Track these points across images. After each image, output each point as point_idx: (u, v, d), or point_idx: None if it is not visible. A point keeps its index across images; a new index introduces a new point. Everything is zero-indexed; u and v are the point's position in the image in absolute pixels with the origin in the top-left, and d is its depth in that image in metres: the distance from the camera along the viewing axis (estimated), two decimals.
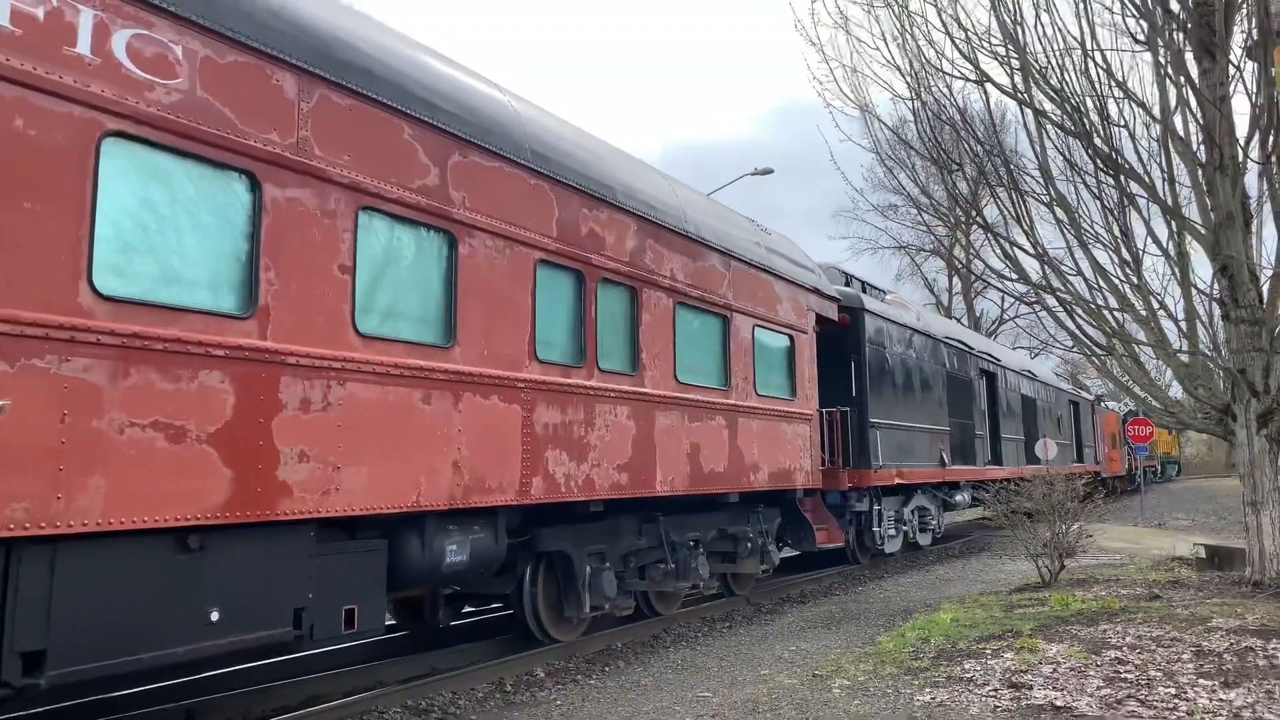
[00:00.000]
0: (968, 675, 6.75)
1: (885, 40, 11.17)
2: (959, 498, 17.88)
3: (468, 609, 9.81)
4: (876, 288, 16.53)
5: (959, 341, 18.52)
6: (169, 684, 6.74)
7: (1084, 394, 33.16)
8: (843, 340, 13.97)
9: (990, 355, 20.62)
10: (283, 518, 5.26)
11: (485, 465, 6.75)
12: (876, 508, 14.25)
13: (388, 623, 9.58)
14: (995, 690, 6.32)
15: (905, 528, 15.75)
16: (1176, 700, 5.89)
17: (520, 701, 7.01)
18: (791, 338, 11.94)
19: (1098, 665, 6.85)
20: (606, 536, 8.76)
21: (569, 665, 8.20)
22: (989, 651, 7.52)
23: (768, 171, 27.79)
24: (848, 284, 15.25)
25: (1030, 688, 6.30)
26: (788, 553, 13.95)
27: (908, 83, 11.06)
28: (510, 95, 7.83)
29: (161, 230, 4.85)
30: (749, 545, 10.87)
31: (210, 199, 5.10)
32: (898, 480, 14.57)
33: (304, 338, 5.47)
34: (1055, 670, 6.77)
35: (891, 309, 15.71)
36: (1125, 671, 6.64)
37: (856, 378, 13.88)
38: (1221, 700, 5.87)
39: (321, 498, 5.50)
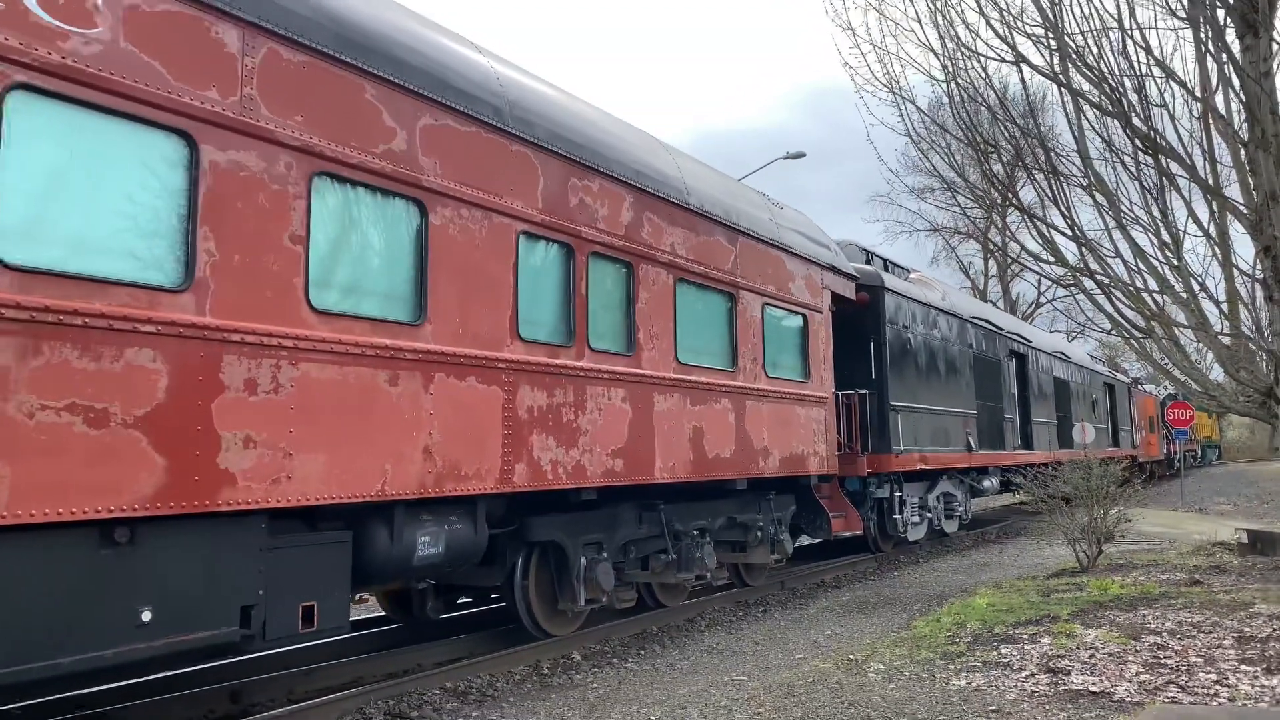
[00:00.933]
0: (1004, 660, 6.69)
1: (919, 22, 11.02)
2: (987, 484, 17.22)
3: (465, 600, 9.40)
4: (899, 266, 15.89)
5: (986, 322, 17.80)
6: (233, 661, 6.89)
7: (1120, 377, 32.16)
8: (862, 320, 13.37)
9: (1020, 336, 19.86)
10: (226, 508, 4.84)
11: (461, 451, 6.30)
12: (898, 494, 13.66)
13: (379, 614, 9.28)
14: (1032, 675, 6.24)
15: (930, 515, 15.14)
16: (1217, 686, 5.79)
17: (557, 684, 7.05)
18: (805, 317, 11.37)
19: (1137, 650, 6.73)
20: (603, 525, 8.31)
21: (605, 649, 8.22)
22: (1026, 636, 7.41)
23: (800, 155, 27.39)
24: (869, 262, 14.63)
25: (1068, 673, 6.20)
26: (806, 541, 13.47)
27: (942, 64, 10.84)
28: (491, 56, 7.34)
29: (81, 194, 4.42)
30: (758, 534, 10.36)
31: (139, 160, 4.66)
32: (920, 466, 13.97)
33: (249, 313, 5.03)
34: (1093, 655, 6.66)
35: (914, 288, 15.06)
36: (1165, 657, 6.53)
37: (876, 359, 13.28)
38: (1264, 686, 5.77)
39: (271, 487, 5.07)
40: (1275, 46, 9.60)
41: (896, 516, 13.70)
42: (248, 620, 5.02)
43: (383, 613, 9.05)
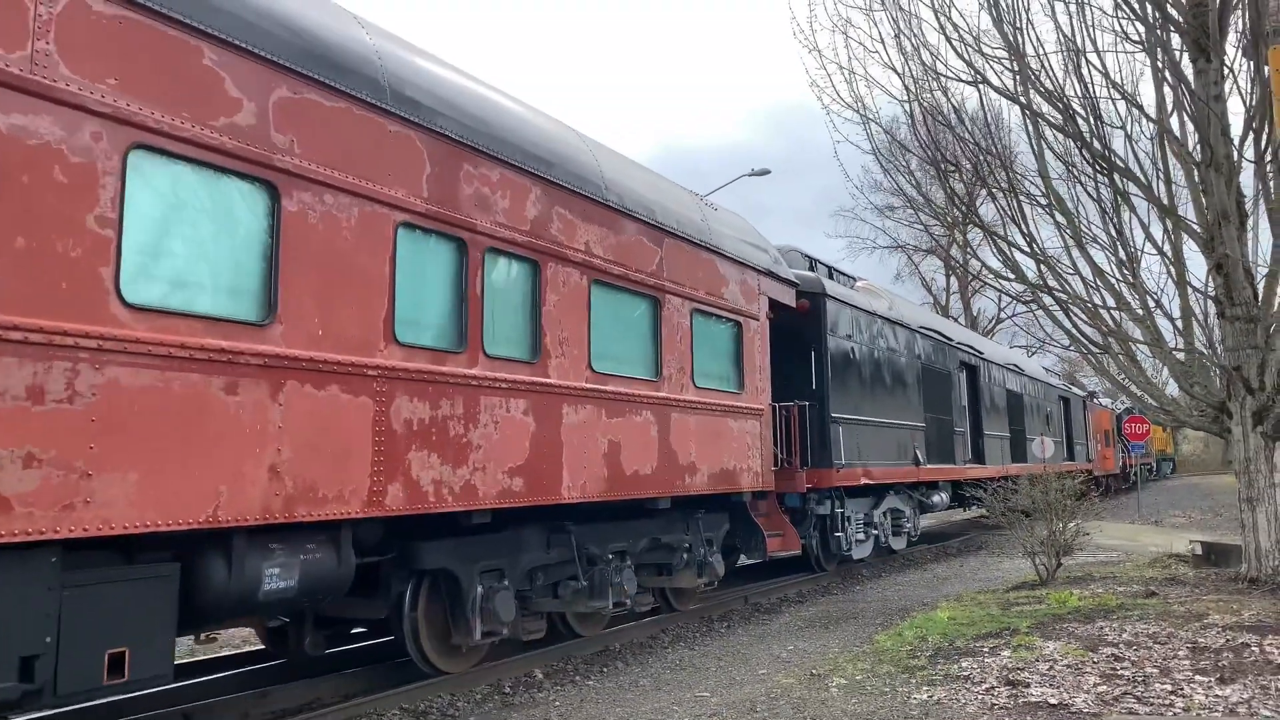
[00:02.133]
0: (965, 673, 6.73)
1: (883, 43, 11.43)
2: (936, 499, 16.67)
3: (362, 630, 8.58)
4: (845, 274, 15.33)
5: (936, 332, 17.28)
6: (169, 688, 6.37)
7: (1075, 390, 31.92)
8: (803, 329, 12.75)
9: (971, 347, 19.40)
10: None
11: (319, 471, 5.52)
12: (840, 510, 13.02)
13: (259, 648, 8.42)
14: (992, 688, 6.30)
15: (876, 531, 14.54)
16: (1173, 696, 5.88)
17: (519, 703, 7.02)
18: (739, 324, 10.71)
19: (1094, 662, 6.82)
20: (504, 551, 7.55)
21: (567, 666, 8.19)
22: (986, 649, 7.50)
23: (765, 173, 27.37)
24: (812, 269, 14.04)
25: (1027, 685, 6.28)
26: (747, 561, 12.81)
27: (905, 85, 11.13)
28: (375, 31, 6.60)
29: None
30: (684, 556, 9.64)
31: None
32: (865, 480, 13.35)
33: (35, 308, 4.23)
34: (1052, 668, 6.73)
35: (859, 295, 14.48)
36: (1122, 668, 6.60)
37: (817, 369, 12.66)
38: (1218, 696, 5.85)
39: (63, 513, 4.27)
40: (1226, 71, 9.96)
41: (839, 534, 13.05)
42: (29, 673, 4.21)
43: (262, 646, 8.21)
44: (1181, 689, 6.07)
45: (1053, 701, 5.93)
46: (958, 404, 17.88)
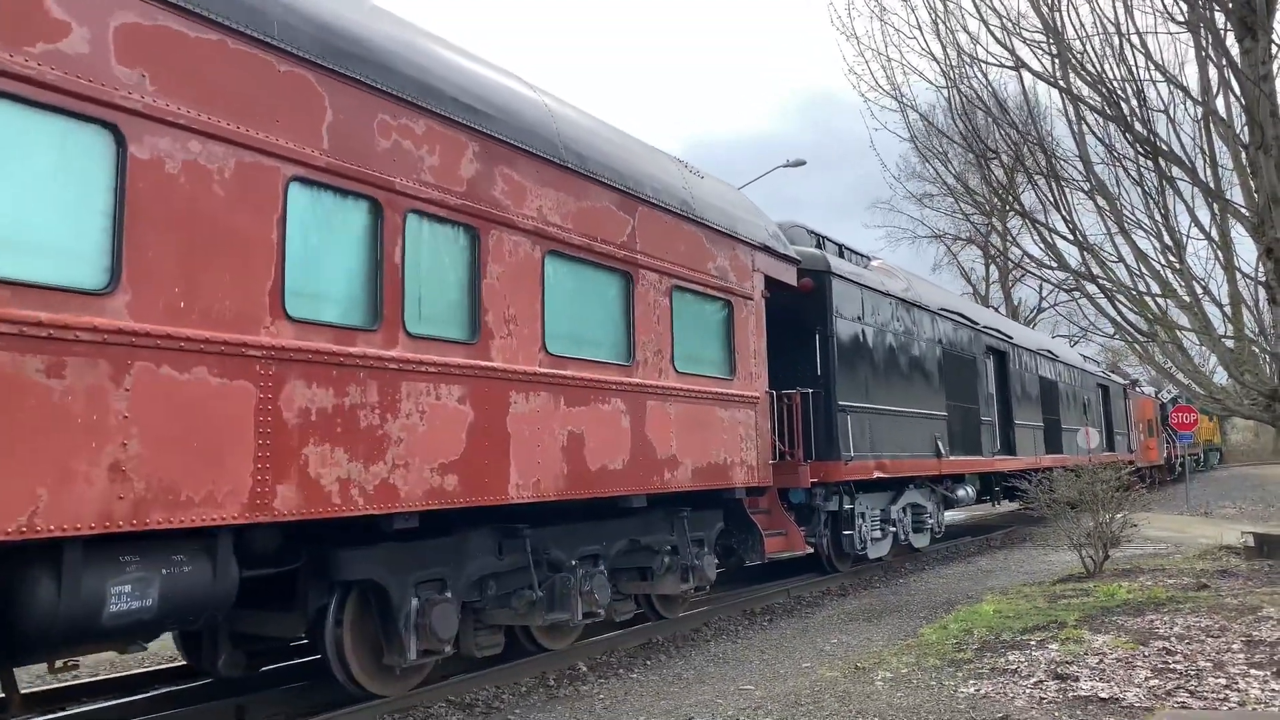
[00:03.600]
0: (1012, 667, 6.65)
1: (921, 29, 11.15)
2: (961, 493, 15.51)
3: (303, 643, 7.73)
4: (858, 252, 14.22)
5: (959, 315, 16.10)
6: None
7: (1115, 378, 30.41)
8: (806, 310, 11.71)
9: (999, 332, 18.16)
10: None
11: (181, 468, 4.63)
12: (849, 506, 11.97)
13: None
14: (1040, 682, 6.23)
15: (894, 528, 13.45)
16: (1227, 690, 5.78)
17: (563, 695, 6.99)
18: (730, 304, 9.71)
19: (1145, 656, 6.71)
20: (446, 558, 6.65)
21: (611, 659, 8.18)
22: (1033, 643, 7.41)
23: (800, 163, 26.46)
24: (819, 246, 12.97)
25: (1076, 679, 6.20)
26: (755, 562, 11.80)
27: (943, 70, 10.91)
28: None
29: None
30: (664, 560, 8.67)
31: None
32: (877, 474, 12.28)
33: None
34: (1101, 661, 6.63)
35: (870, 275, 13.39)
36: (1174, 662, 6.50)
37: (822, 354, 11.61)
38: (1274, 690, 5.75)
39: None
40: (1274, 49, 9.65)
41: (848, 532, 12.00)
42: None
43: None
44: (1236, 683, 5.95)
45: (1103, 695, 5.80)
46: (984, 392, 16.69)
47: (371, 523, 5.91)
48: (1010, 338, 18.70)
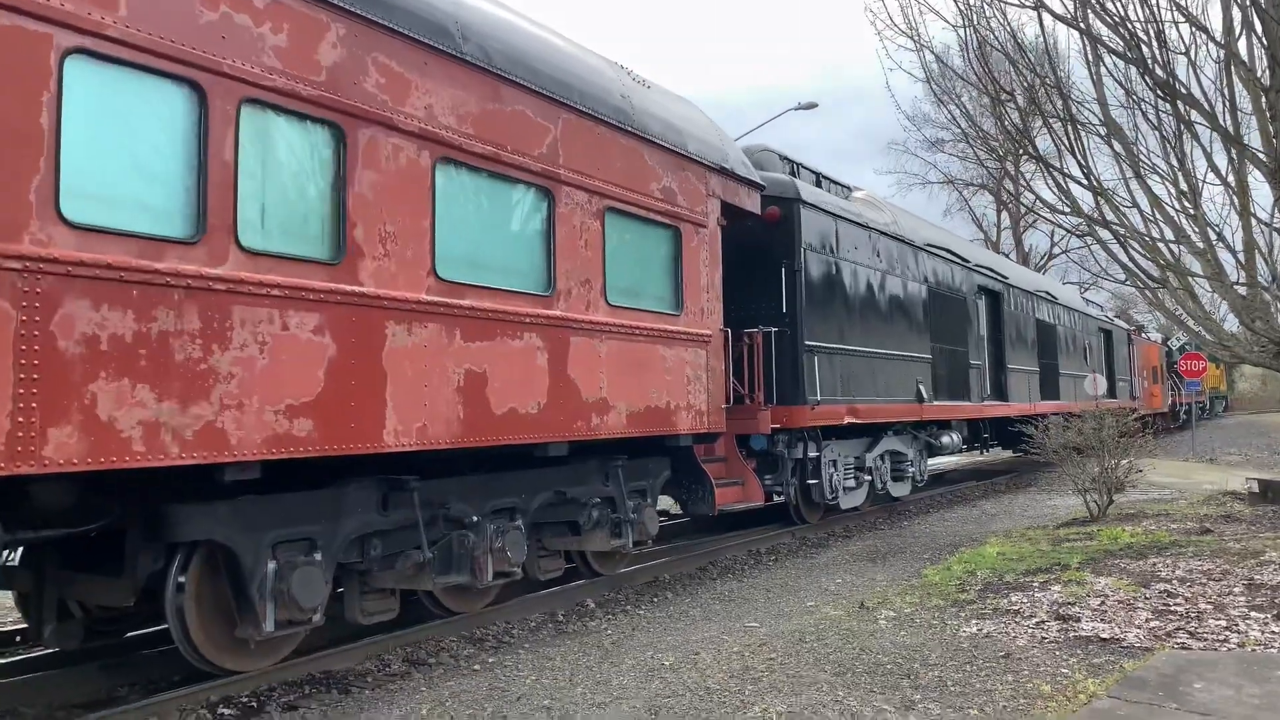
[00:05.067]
0: (1014, 608, 6.73)
1: None
2: (946, 439, 14.55)
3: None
4: (837, 182, 13.06)
5: (948, 251, 14.94)
6: None
7: (1119, 322, 29.28)
8: (772, 241, 10.66)
9: (993, 271, 17.02)
10: None
11: None
12: (813, 454, 11.02)
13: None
14: (1042, 622, 6.30)
15: (870, 477, 12.53)
16: (1227, 632, 5.82)
17: (572, 630, 7.07)
18: (677, 230, 8.66)
19: (1146, 598, 6.77)
20: (314, 514, 5.73)
21: (619, 596, 8.24)
22: (1036, 584, 7.47)
23: (811, 106, 26.28)
24: (794, 174, 11.83)
25: (1078, 620, 6.27)
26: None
27: (960, 9, 10.79)
28: None
29: None
30: (592, 514, 7.76)
31: None
32: (849, 419, 11.31)
33: None
34: (1103, 603, 6.70)
35: (847, 205, 12.25)
36: (1174, 604, 6.55)
37: (788, 289, 10.55)
38: (1274, 633, 5.77)
39: None
40: None
41: (813, 481, 11.08)
42: None
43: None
44: (1236, 625, 5.98)
45: (1104, 636, 5.88)
46: (975, 334, 15.62)
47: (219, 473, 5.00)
48: (1005, 277, 17.57)
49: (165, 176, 4.70)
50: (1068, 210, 11.51)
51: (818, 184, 12.35)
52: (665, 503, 10.43)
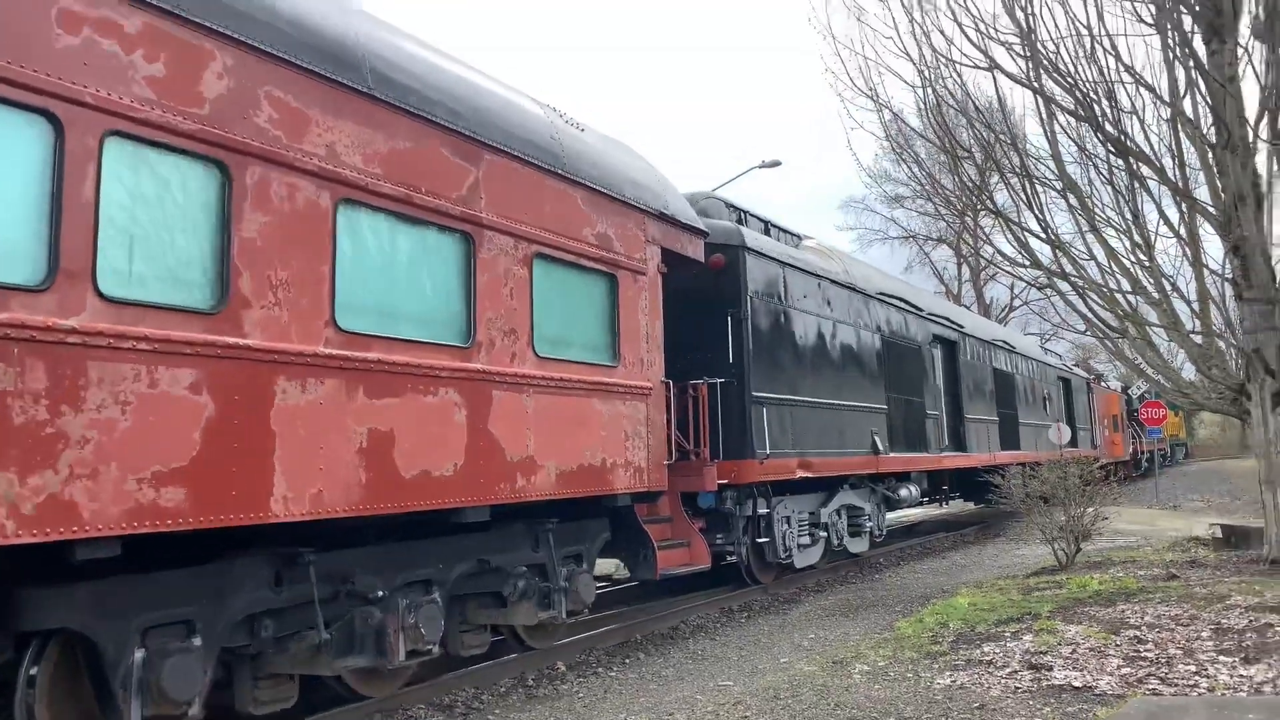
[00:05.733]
0: (987, 658, 6.78)
1: (897, 29, 11.46)
2: (904, 492, 14.14)
3: None
4: (787, 230, 12.78)
5: (902, 301, 14.68)
6: None
7: (1078, 371, 29.29)
8: (717, 290, 10.28)
9: (948, 320, 16.80)
10: None
11: None
12: (764, 510, 10.53)
13: None
14: (1015, 672, 6.35)
15: (826, 534, 12.05)
16: (1197, 677, 5.89)
17: (543, 695, 6.99)
18: (614, 278, 8.25)
19: (1117, 645, 6.85)
20: (193, 594, 5.12)
21: (589, 659, 8.18)
22: (1008, 634, 7.53)
23: (775, 164, 26.77)
24: (742, 222, 11.51)
25: (1050, 668, 6.32)
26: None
27: (919, 70, 11.20)
28: None
29: None
30: (517, 585, 7.17)
31: None
32: (801, 473, 10.86)
33: None
34: (1075, 651, 6.75)
35: (795, 253, 11.95)
36: (1145, 650, 6.62)
37: (735, 339, 10.15)
38: (1242, 676, 5.85)
39: None
40: (1240, 51, 9.95)
41: (764, 540, 10.58)
42: None
43: None
44: (1205, 669, 6.04)
45: (1077, 684, 5.92)
46: (931, 384, 15.33)
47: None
48: (961, 326, 17.36)
49: (8, 216, 4.17)
50: (1027, 263, 11.64)
51: (766, 232, 12.05)
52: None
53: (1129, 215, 11.03)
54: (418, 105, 6.30)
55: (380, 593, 5.96)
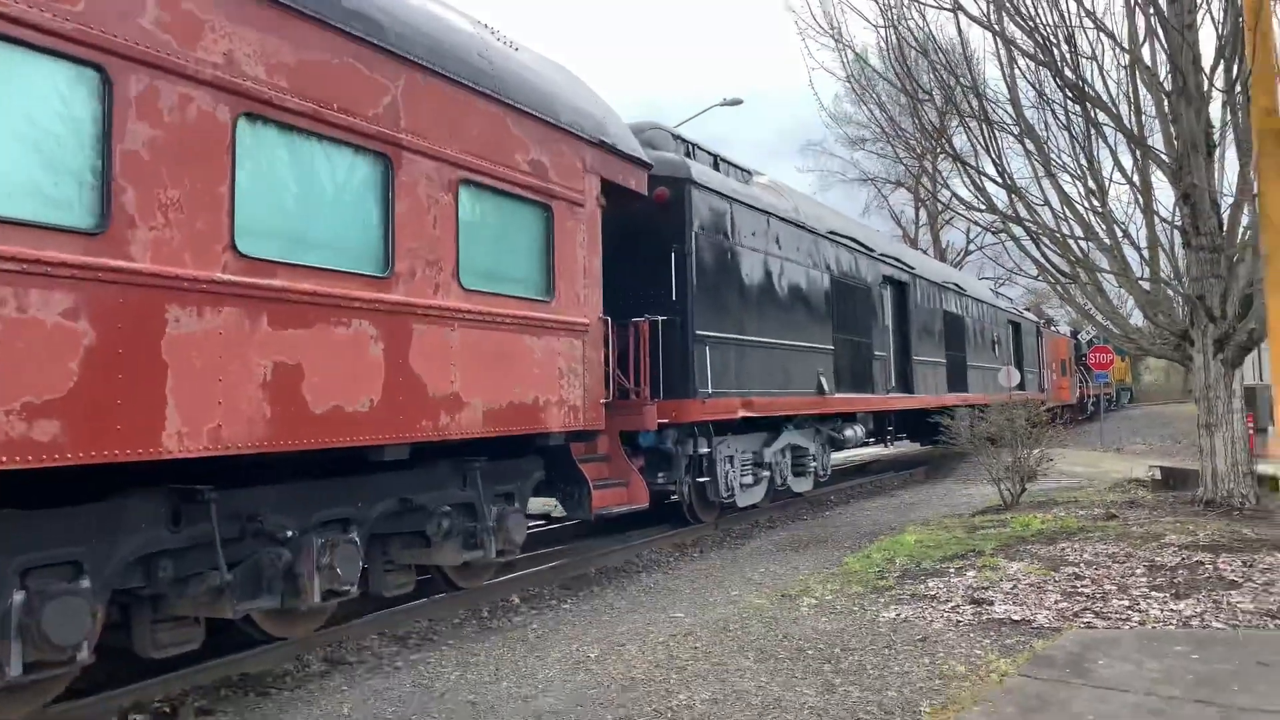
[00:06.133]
0: (931, 593, 6.98)
1: None
2: (850, 433, 14.10)
3: None
4: (738, 166, 12.45)
5: (853, 240, 14.46)
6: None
7: (1028, 315, 29.49)
8: (661, 224, 9.97)
9: (900, 261, 16.64)
10: None
11: None
12: (705, 450, 10.39)
13: None
14: (957, 606, 6.54)
15: (769, 473, 11.97)
16: (1130, 611, 6.14)
17: (496, 626, 7.04)
18: (549, 208, 7.90)
19: (1056, 581, 7.05)
20: (81, 533, 4.82)
21: (543, 591, 8.23)
22: (952, 570, 7.72)
23: (737, 102, 26.31)
24: (690, 155, 11.16)
25: (991, 603, 6.53)
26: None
27: (882, 9, 11.19)
28: None
29: None
30: (442, 524, 6.94)
31: None
32: (744, 413, 10.70)
33: None
34: (1015, 586, 6.98)
35: (747, 189, 11.65)
36: (1082, 586, 6.85)
37: (678, 276, 9.87)
38: (1172, 610, 6.12)
39: None
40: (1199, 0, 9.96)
41: (704, 479, 10.47)
42: None
43: None
44: (1138, 604, 6.28)
45: (1015, 618, 6.12)
46: (880, 325, 15.21)
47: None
48: (912, 268, 17.23)
49: None
50: (983, 207, 11.69)
51: (715, 166, 11.73)
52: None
53: (1084, 161, 11.13)
54: (330, 14, 5.85)
55: (289, 532, 5.68)
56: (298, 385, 5.52)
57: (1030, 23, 10.24)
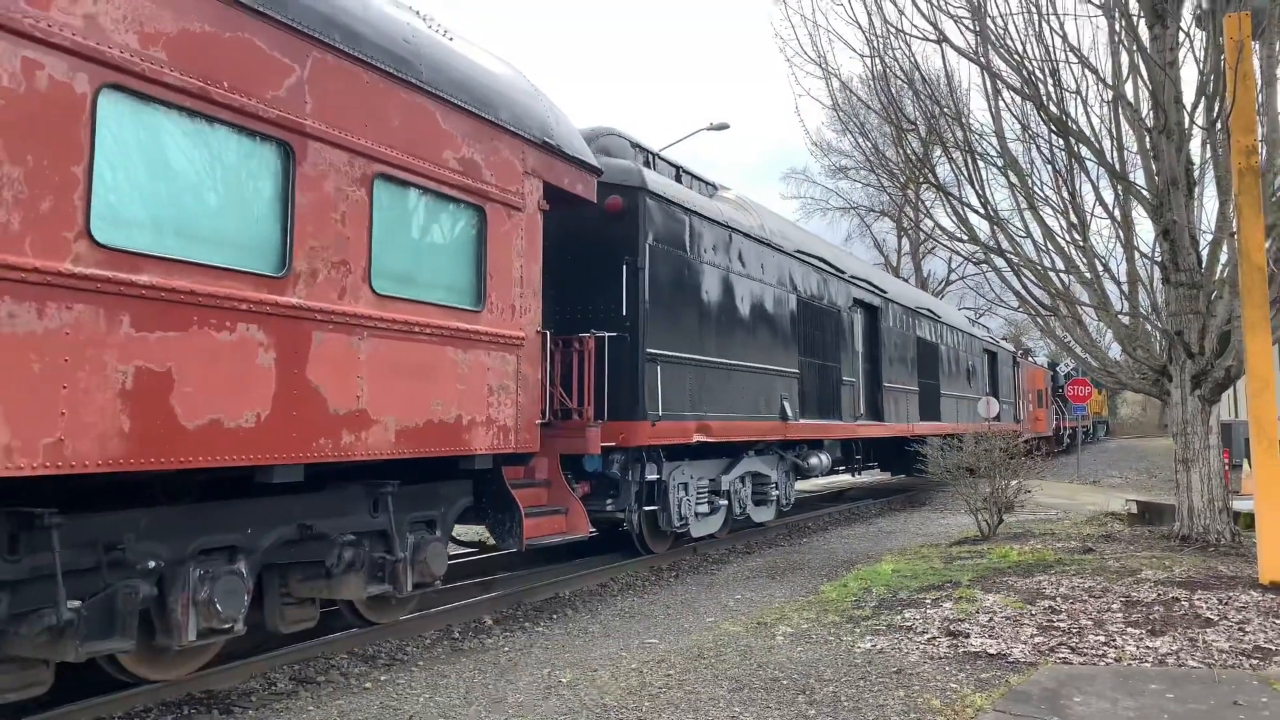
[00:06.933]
0: (908, 624, 6.94)
1: None
2: (815, 461, 13.48)
3: None
4: (701, 178, 11.89)
5: (822, 261, 13.92)
6: None
7: (1004, 345, 29.10)
8: (612, 235, 9.37)
9: (871, 284, 16.11)
10: None
11: None
12: (655, 476, 9.73)
13: None
14: (934, 638, 6.50)
15: (727, 502, 11.33)
16: (1106, 647, 6.08)
17: (468, 648, 6.96)
18: (480, 210, 7.29)
19: (1032, 614, 7.04)
20: None
21: (516, 613, 8.17)
22: (929, 601, 7.69)
23: (723, 127, 26.15)
24: (649, 164, 10.59)
25: (968, 635, 6.49)
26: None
27: (869, 39, 11.28)
28: None
29: None
30: (343, 555, 6.23)
31: None
32: (699, 438, 10.06)
33: None
34: (992, 619, 6.94)
35: (709, 202, 11.08)
36: (1058, 620, 6.82)
37: (629, 290, 9.23)
38: (1148, 647, 6.06)
39: None
40: (1181, 36, 10.12)
41: (654, 508, 9.81)
42: None
43: None
44: (1114, 640, 6.23)
45: (991, 651, 6.09)
46: (850, 349, 14.64)
47: None
48: (884, 291, 16.71)
49: None
50: (965, 238, 11.69)
51: (678, 178, 11.17)
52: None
53: (1066, 195, 11.18)
54: None
55: (152, 563, 4.98)
56: (166, 396, 4.84)
57: (1016, 57, 10.31)
